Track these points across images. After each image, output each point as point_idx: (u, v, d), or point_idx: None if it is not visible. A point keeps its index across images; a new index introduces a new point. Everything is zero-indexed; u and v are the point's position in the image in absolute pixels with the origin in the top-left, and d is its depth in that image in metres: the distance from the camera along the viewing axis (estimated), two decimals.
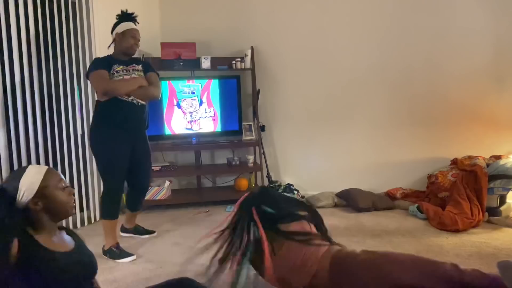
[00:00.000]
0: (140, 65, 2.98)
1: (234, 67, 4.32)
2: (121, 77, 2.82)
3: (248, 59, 4.35)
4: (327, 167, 4.43)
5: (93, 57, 3.73)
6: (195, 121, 4.26)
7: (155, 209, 4.14)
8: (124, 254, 2.85)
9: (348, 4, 4.20)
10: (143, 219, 3.83)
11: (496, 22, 3.83)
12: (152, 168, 4.05)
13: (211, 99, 4.26)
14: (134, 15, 2.98)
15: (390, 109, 4.21)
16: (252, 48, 4.38)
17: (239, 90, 4.34)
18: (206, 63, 4.24)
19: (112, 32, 2.97)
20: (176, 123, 4.22)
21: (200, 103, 4.25)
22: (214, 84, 4.26)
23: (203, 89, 4.24)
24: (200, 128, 4.28)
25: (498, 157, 3.65)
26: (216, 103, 4.28)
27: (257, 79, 4.41)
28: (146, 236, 3.30)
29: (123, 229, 3.34)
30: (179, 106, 4.21)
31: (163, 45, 4.21)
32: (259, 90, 4.41)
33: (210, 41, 4.57)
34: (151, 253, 2.96)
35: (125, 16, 2.97)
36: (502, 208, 3.47)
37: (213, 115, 4.29)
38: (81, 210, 3.66)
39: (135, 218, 3.34)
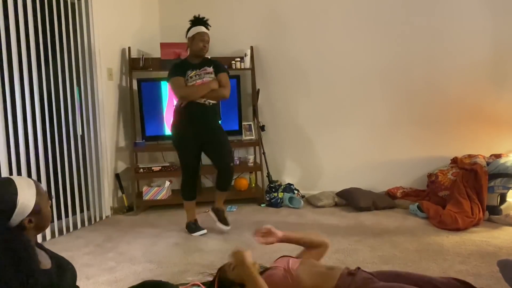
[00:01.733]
0: (211, 67, 3.23)
1: (233, 67, 4.32)
2: (194, 82, 3.14)
3: (247, 59, 4.35)
4: (327, 166, 4.43)
5: (93, 58, 3.75)
6: None
7: (155, 209, 4.15)
8: (198, 228, 3.34)
9: (348, 4, 4.20)
10: (143, 219, 3.84)
11: (495, 21, 3.82)
12: (152, 168, 4.11)
13: None
14: (205, 19, 3.24)
15: (390, 108, 4.21)
16: (251, 48, 4.38)
17: (239, 90, 4.33)
18: None
19: (186, 37, 3.25)
20: None
21: None
22: None
23: None
24: None
25: (498, 156, 3.65)
26: None
27: (257, 79, 4.41)
28: (220, 225, 3.38)
29: (213, 209, 3.49)
30: None
31: (163, 45, 4.21)
32: (259, 89, 4.41)
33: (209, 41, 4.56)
34: (151, 253, 2.96)
35: (196, 21, 3.22)
36: (502, 206, 3.46)
37: None
38: (81, 211, 3.67)
39: (222, 198, 3.47)
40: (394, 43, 4.11)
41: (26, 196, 1.34)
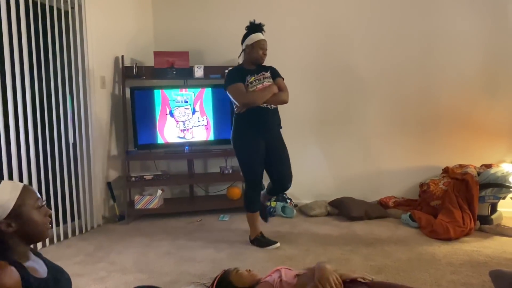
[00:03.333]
0: (268, 71, 3.19)
1: None
2: (255, 87, 3.06)
3: None
4: (320, 175, 4.44)
5: (86, 66, 3.75)
6: (188, 129, 4.26)
7: (147, 218, 4.12)
8: (269, 242, 3.15)
9: (340, 14, 4.24)
10: (135, 228, 3.81)
11: (486, 33, 3.88)
12: (144, 176, 4.09)
13: (204, 108, 4.26)
14: (261, 25, 3.14)
15: (383, 118, 4.24)
16: None
17: None
18: (199, 72, 4.25)
19: (242, 43, 3.18)
20: (169, 132, 4.21)
21: (193, 111, 4.25)
22: (207, 92, 4.26)
23: (196, 98, 4.25)
24: (193, 137, 4.27)
25: (489, 166, 3.68)
26: (209, 112, 4.28)
27: None
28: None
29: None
30: (172, 115, 4.20)
31: (156, 54, 4.21)
32: None
33: (203, 50, 4.59)
34: (142, 263, 2.93)
35: (254, 27, 3.13)
36: (493, 216, 3.49)
37: (206, 124, 4.28)
38: (72, 220, 3.63)
39: (265, 198, 3.37)
40: (387, 55, 4.16)
41: (3, 197, 1.32)
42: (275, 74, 3.22)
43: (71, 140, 3.64)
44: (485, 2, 3.84)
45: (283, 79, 3.24)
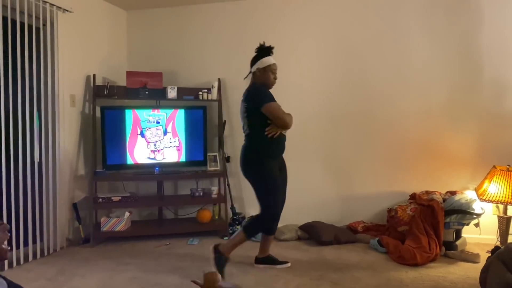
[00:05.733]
0: None
1: (200, 97, 4.33)
2: None
3: (215, 91, 4.37)
4: (291, 200, 4.40)
5: (56, 84, 3.67)
6: (159, 150, 4.21)
7: (113, 241, 4.00)
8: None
9: (310, 40, 4.34)
10: (100, 252, 3.68)
11: (450, 66, 4.05)
12: (112, 198, 3.99)
13: (176, 129, 4.24)
14: (272, 48, 3.07)
15: (352, 144, 4.31)
16: (219, 80, 4.43)
17: (205, 121, 4.33)
18: (172, 93, 4.24)
19: (251, 66, 3.08)
20: (139, 153, 4.15)
21: (165, 132, 4.21)
22: (180, 114, 4.25)
23: (168, 119, 4.22)
24: (163, 158, 4.22)
25: (454, 193, 3.79)
26: (181, 133, 4.25)
27: (223, 110, 4.44)
28: (282, 266, 3.23)
29: (257, 261, 3.28)
30: (142, 135, 4.15)
31: (129, 74, 4.18)
32: (225, 121, 4.43)
33: (177, 71, 4.59)
34: (108, 287, 2.83)
35: (265, 50, 3.05)
36: (457, 242, 3.58)
37: (177, 145, 4.25)
38: (34, 242, 3.48)
39: (269, 245, 3.29)
40: (356, 83, 4.26)
41: None
42: None
43: (36, 159, 3.52)
44: (450, 36, 4.02)
45: None
